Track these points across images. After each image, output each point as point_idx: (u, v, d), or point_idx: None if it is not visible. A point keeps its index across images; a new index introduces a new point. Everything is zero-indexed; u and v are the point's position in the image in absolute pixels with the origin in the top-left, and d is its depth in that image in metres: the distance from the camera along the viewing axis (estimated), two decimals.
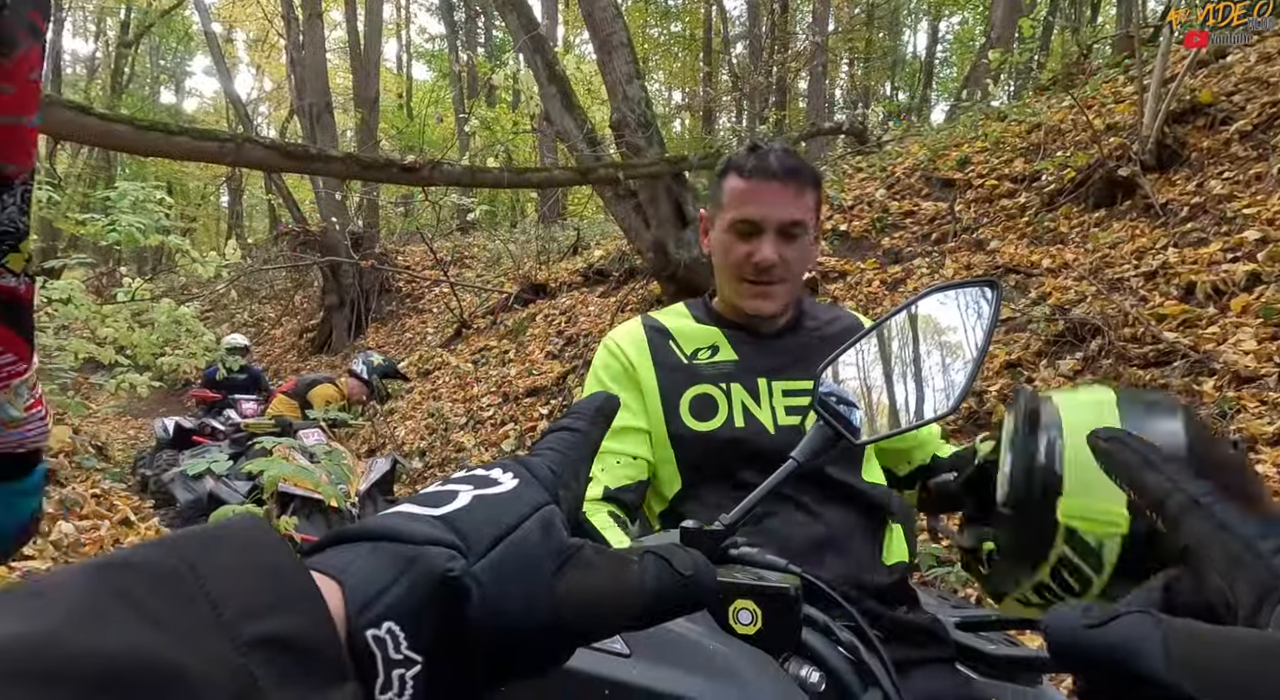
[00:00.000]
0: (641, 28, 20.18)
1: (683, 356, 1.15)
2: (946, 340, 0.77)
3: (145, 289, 5.61)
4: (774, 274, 1.09)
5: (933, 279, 4.83)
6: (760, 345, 1.15)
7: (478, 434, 6.08)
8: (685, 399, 1.11)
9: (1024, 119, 6.04)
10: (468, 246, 11.62)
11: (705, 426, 1.09)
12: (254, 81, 24.72)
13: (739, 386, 1.10)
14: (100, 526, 2.13)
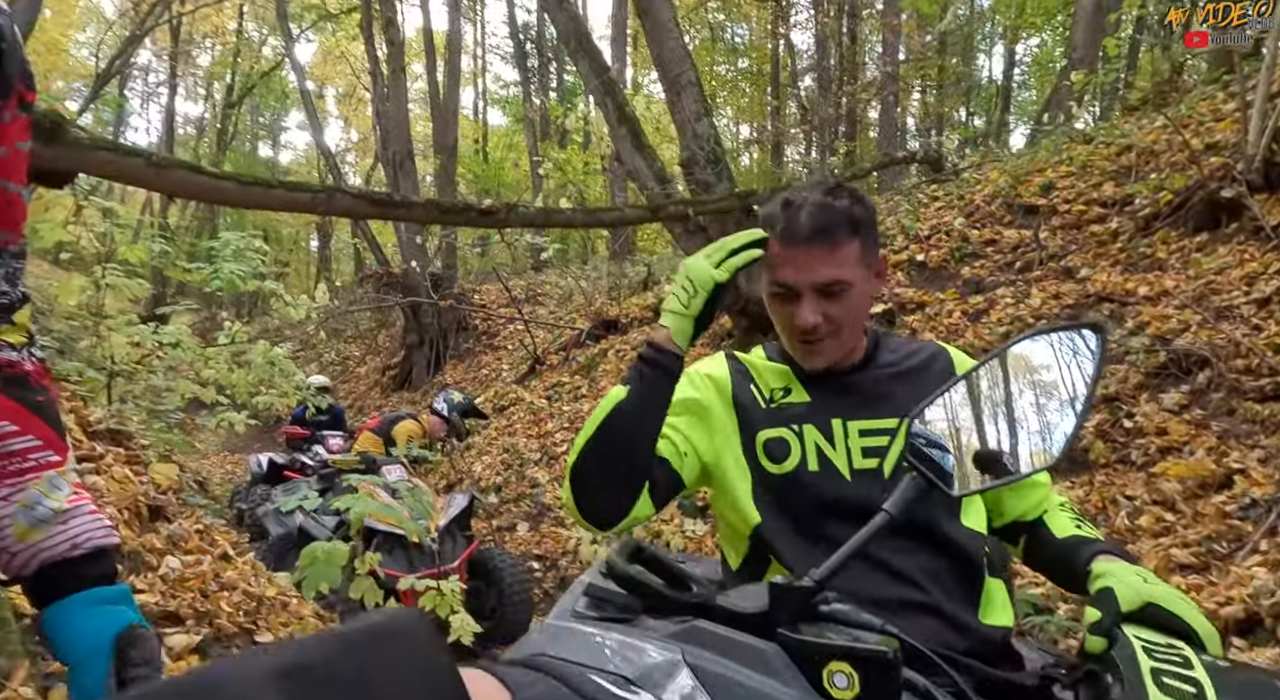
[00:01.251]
0: (709, 66, 20.48)
1: (761, 399, 1.13)
2: (1046, 386, 0.73)
3: (243, 331, 5.96)
4: (819, 333, 1.06)
5: (1018, 309, 4.64)
6: (833, 385, 1.12)
7: (551, 470, 6.14)
8: (759, 442, 1.09)
9: (1113, 141, 5.79)
10: (540, 284, 11.88)
11: (779, 469, 1.06)
12: (342, 133, 26.32)
13: (812, 428, 1.07)
14: (203, 561, 2.24)
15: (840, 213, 1.05)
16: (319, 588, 2.64)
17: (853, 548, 0.67)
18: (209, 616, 2.07)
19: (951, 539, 1.00)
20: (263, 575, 2.68)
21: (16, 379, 0.67)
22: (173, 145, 20.44)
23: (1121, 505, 3.12)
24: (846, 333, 1.07)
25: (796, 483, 1.05)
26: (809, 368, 1.11)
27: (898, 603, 0.94)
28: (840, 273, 1.04)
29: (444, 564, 3.95)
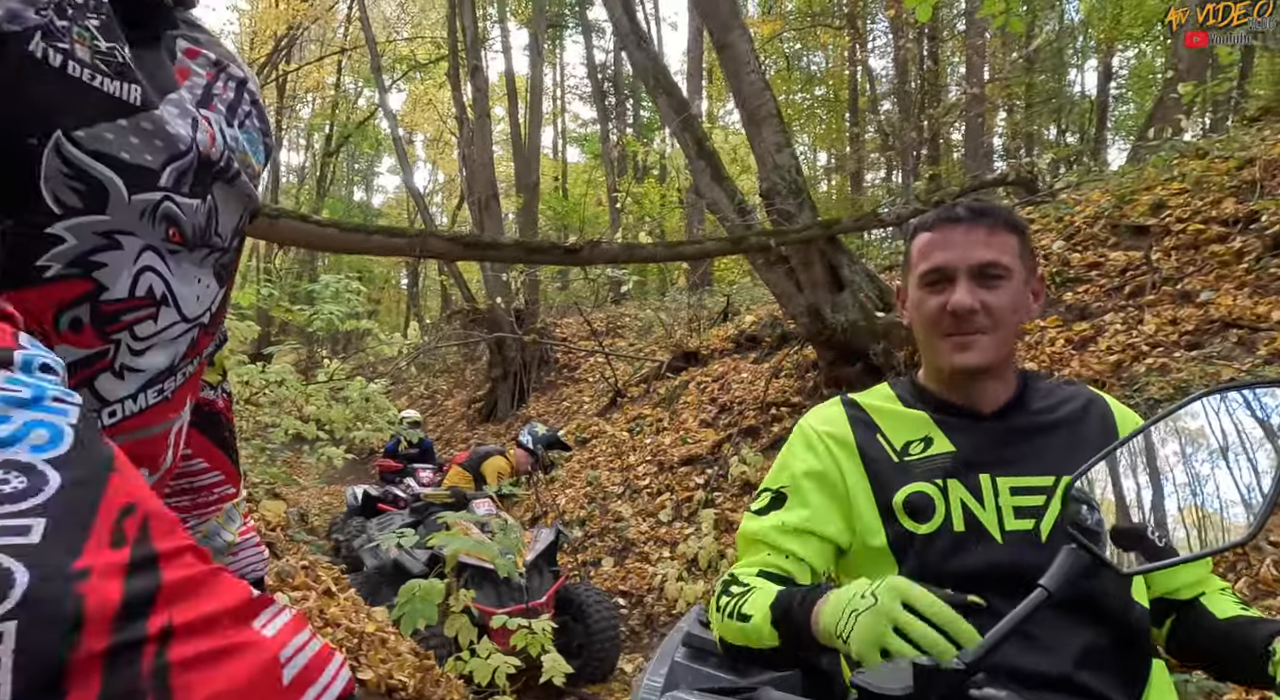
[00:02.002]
0: (785, 94, 20.48)
1: (893, 453, 1.02)
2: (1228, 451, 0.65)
3: (341, 369, 6.26)
4: (975, 322, 0.96)
5: (1130, 336, 4.34)
6: (979, 432, 1.00)
7: (634, 504, 6.11)
8: (899, 499, 0.98)
9: (1231, 154, 5.40)
10: (620, 316, 12.00)
11: (922, 528, 0.96)
12: (430, 175, 27.58)
13: (957, 483, 0.96)
14: (309, 597, 2.31)
15: (998, 209, 1.02)
16: (417, 624, 2.69)
17: (1008, 627, 0.61)
18: None
19: (1119, 616, 0.89)
20: (363, 611, 2.74)
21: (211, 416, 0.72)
22: (277, 194, 21.92)
23: (1266, 552, 2.84)
24: (1003, 334, 0.98)
25: (941, 544, 0.95)
26: (962, 365, 0.98)
27: (1052, 682, 0.84)
28: (998, 256, 0.96)
29: (532, 599, 3.97)
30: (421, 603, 2.68)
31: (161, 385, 0.51)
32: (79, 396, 0.31)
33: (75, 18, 0.40)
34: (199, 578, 0.28)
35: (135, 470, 0.31)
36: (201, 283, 0.53)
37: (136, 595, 0.26)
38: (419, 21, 21.76)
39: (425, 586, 2.77)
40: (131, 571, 0.27)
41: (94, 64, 0.41)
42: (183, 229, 0.49)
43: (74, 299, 0.43)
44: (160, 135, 0.45)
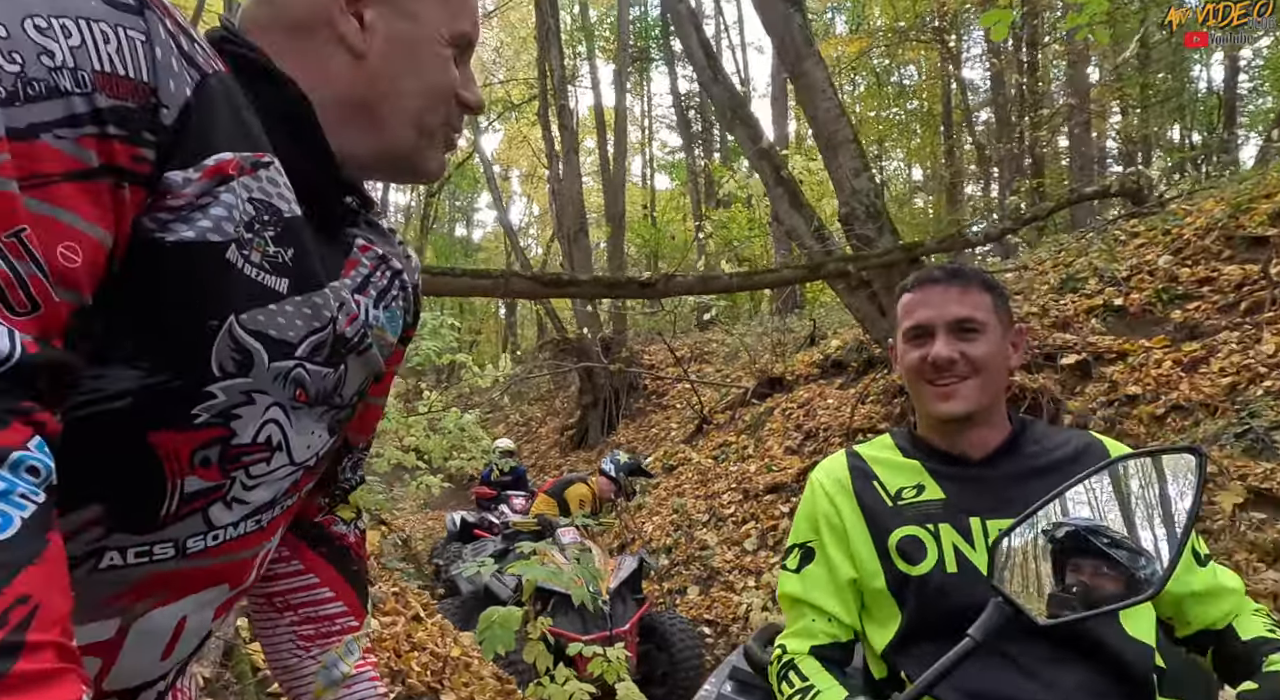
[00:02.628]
0: (875, 111, 20.11)
1: (887, 498, 1.11)
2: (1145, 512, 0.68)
3: (438, 400, 6.62)
4: (955, 371, 1.06)
5: (1244, 356, 4.03)
6: (968, 479, 1.08)
7: (720, 532, 6.11)
8: (892, 542, 1.07)
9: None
10: (707, 342, 12.05)
11: (915, 570, 1.03)
12: (525, 209, 28.70)
13: (948, 527, 1.04)
14: (398, 622, 2.48)
15: (971, 271, 1.13)
16: (497, 649, 2.83)
17: (932, 677, 0.66)
18: (401, 675, 2.29)
19: (1114, 651, 0.92)
20: (449, 636, 2.92)
21: (342, 550, 0.81)
22: None
23: None
24: (983, 380, 1.06)
25: (935, 585, 1.01)
26: (946, 413, 1.07)
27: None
28: (972, 312, 1.08)
29: (615, 626, 4.03)
30: (501, 628, 2.83)
31: (260, 516, 0.60)
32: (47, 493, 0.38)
33: (259, 231, 0.53)
34: (42, 673, 0.33)
35: (60, 567, 0.38)
36: (315, 434, 0.63)
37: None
38: (513, 64, 22.85)
39: (504, 612, 2.92)
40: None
41: (262, 264, 0.53)
42: (308, 390, 0.59)
43: (209, 441, 0.54)
44: (301, 316, 0.57)
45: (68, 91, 0.42)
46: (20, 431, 0.38)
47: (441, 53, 0.64)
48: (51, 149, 0.42)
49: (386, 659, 2.28)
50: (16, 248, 0.40)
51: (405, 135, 0.64)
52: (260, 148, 0.54)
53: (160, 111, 0.47)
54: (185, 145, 0.49)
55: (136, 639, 0.55)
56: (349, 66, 0.61)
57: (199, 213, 0.49)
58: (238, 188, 0.52)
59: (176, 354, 0.51)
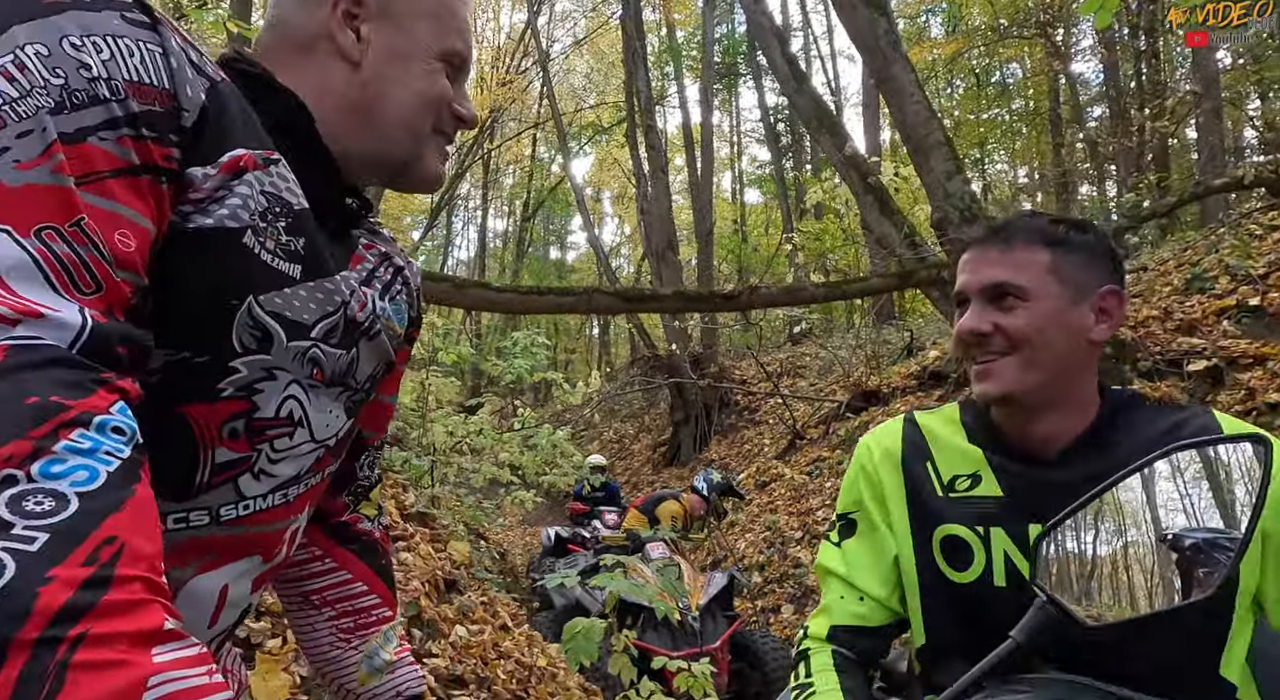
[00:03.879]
0: (975, 113, 19.29)
1: (938, 485, 0.96)
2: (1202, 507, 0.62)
3: (532, 417, 6.80)
4: (990, 346, 0.90)
5: None
6: (1035, 478, 0.91)
7: (813, 549, 5.94)
8: (937, 538, 0.94)
9: None
10: (799, 356, 11.81)
11: (958, 577, 0.91)
12: (616, 229, 29.21)
13: (1001, 532, 0.89)
14: (485, 631, 2.55)
15: (1029, 223, 0.94)
16: (582, 661, 2.86)
17: (974, 677, 0.62)
18: (488, 682, 2.35)
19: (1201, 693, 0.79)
20: (536, 646, 2.97)
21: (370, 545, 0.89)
22: (484, 257, 24.36)
23: None
24: (1029, 357, 0.88)
25: (979, 598, 0.89)
26: (982, 394, 0.92)
27: None
28: (1009, 275, 0.89)
29: (705, 643, 3.99)
30: (585, 639, 2.86)
31: (286, 491, 0.66)
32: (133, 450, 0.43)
33: (272, 221, 0.59)
34: (130, 602, 0.36)
35: (146, 514, 0.42)
36: (333, 413, 0.68)
37: (73, 605, 0.34)
38: (603, 88, 23.41)
39: (588, 624, 2.94)
40: (83, 586, 0.35)
41: (276, 251, 0.59)
42: (325, 370, 0.65)
43: (235, 414, 0.60)
44: (314, 300, 0.63)
45: (106, 99, 0.48)
46: (104, 397, 0.43)
47: (432, 65, 0.69)
48: (99, 149, 0.47)
49: (473, 665, 2.35)
50: (79, 235, 0.45)
51: (398, 137, 0.69)
52: (269, 146, 0.60)
53: (181, 115, 0.52)
54: (204, 144, 0.54)
55: (183, 604, 0.60)
56: (346, 75, 0.67)
57: (217, 203, 0.55)
58: (251, 180, 0.57)
59: (202, 331, 0.56)
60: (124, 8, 0.52)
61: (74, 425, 0.40)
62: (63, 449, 0.39)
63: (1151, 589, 0.63)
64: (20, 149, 0.45)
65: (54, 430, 0.40)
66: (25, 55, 0.46)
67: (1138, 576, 0.64)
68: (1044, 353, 0.89)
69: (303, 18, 0.67)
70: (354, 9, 0.67)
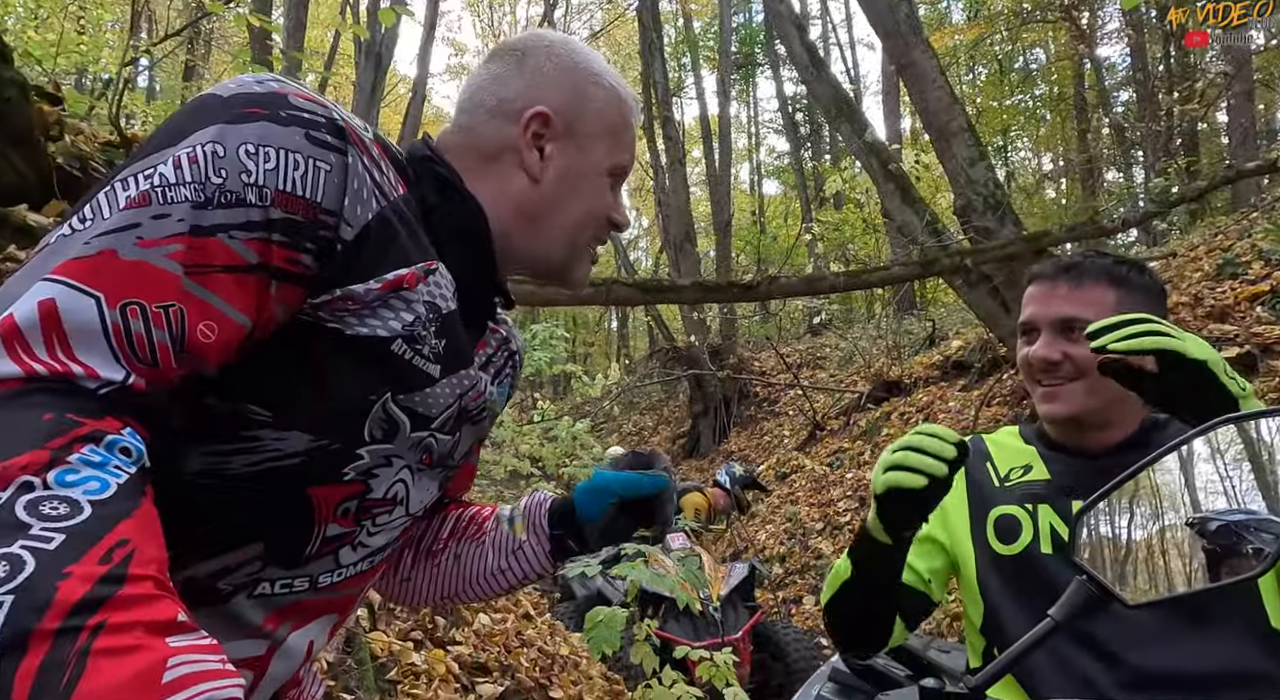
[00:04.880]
0: (998, 100, 18.98)
1: (995, 478, 1.09)
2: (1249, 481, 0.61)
3: (551, 409, 6.82)
4: (1059, 373, 1.01)
5: None
6: (1079, 465, 1.04)
7: (835, 540, 5.92)
8: (990, 519, 1.05)
9: None
10: (820, 347, 11.74)
11: (1007, 549, 1.02)
12: (634, 221, 29.21)
13: (1047, 508, 1.01)
14: (508, 620, 2.57)
15: (1099, 263, 1.05)
16: (604, 649, 2.87)
17: (1013, 655, 0.62)
18: (511, 670, 2.37)
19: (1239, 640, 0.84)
20: (559, 635, 2.99)
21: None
22: None
23: None
24: (1092, 383, 0.99)
25: (1028, 565, 0.99)
26: (1049, 415, 1.05)
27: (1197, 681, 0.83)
28: (1081, 311, 1.01)
29: (727, 634, 3.99)
30: (606, 629, 2.87)
31: (374, 557, 0.70)
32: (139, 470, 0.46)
33: (424, 326, 0.63)
34: (144, 596, 0.39)
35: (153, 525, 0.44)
36: (429, 490, 0.73)
37: (91, 598, 0.37)
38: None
39: (610, 613, 2.95)
40: (99, 582, 0.37)
41: (424, 354, 0.64)
42: (434, 455, 0.69)
43: (352, 495, 0.64)
44: (443, 396, 0.66)
45: (251, 203, 0.53)
46: (114, 423, 0.46)
47: (602, 181, 0.75)
48: (223, 246, 0.52)
49: (497, 654, 2.37)
50: (161, 318, 0.50)
51: (559, 247, 0.76)
52: (430, 257, 0.65)
53: (341, 228, 0.57)
54: (364, 259, 0.59)
55: (280, 658, 0.65)
56: (524, 185, 0.73)
57: (374, 316, 0.60)
58: (412, 295, 0.62)
59: (341, 422, 0.61)
60: (314, 126, 0.56)
61: (87, 441, 0.44)
62: (76, 461, 0.42)
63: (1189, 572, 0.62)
64: (149, 228, 0.50)
65: (69, 443, 0.43)
66: (201, 151, 0.52)
67: (1175, 560, 0.63)
68: (1106, 383, 0.96)
69: (493, 130, 0.72)
70: (542, 130, 0.72)
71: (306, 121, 0.56)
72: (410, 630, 2.10)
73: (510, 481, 6.28)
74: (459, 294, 0.68)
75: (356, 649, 1.93)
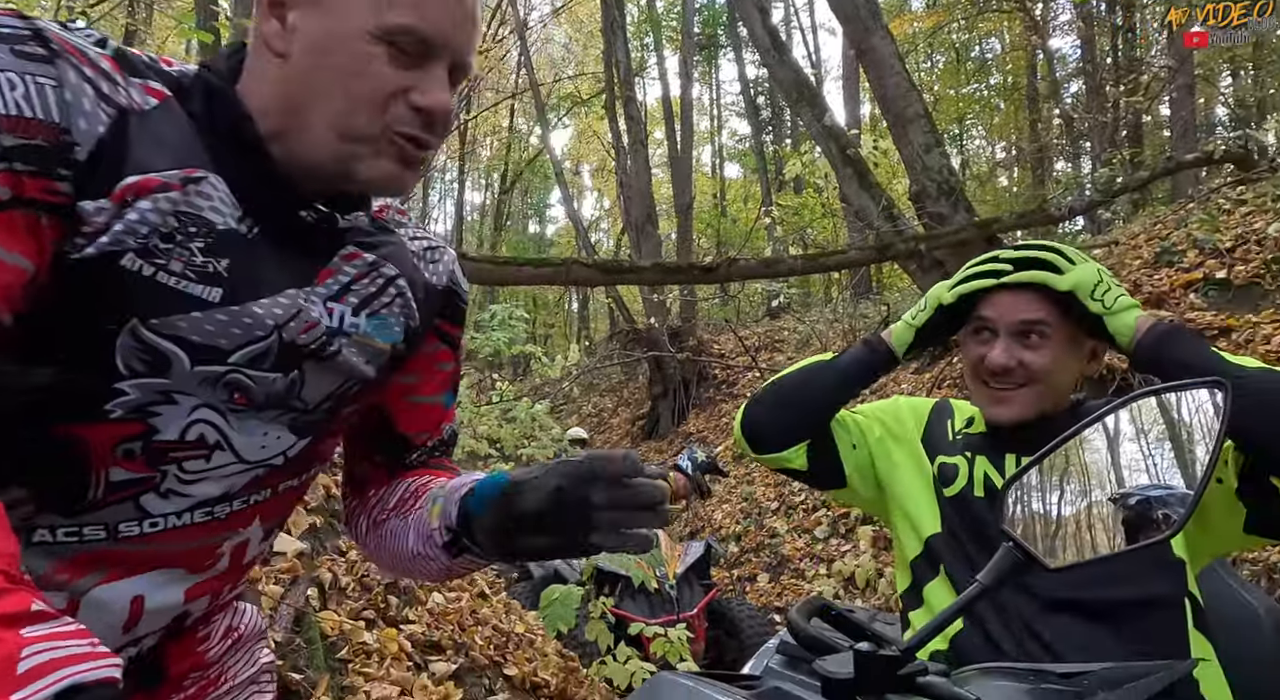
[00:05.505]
0: (954, 88, 19.29)
1: (951, 432, 1.17)
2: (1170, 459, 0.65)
3: (510, 390, 6.79)
4: (1012, 378, 1.03)
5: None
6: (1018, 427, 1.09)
7: (790, 520, 6.04)
8: (937, 465, 1.13)
9: None
10: (777, 330, 11.88)
11: (948, 491, 1.08)
12: (596, 202, 28.99)
13: (984, 459, 1.08)
14: (462, 598, 2.57)
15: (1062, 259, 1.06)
16: (559, 627, 2.90)
17: (945, 617, 0.65)
18: (465, 648, 2.38)
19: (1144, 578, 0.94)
20: (514, 613, 3.00)
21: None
22: (461, 230, 24.06)
23: None
24: (1042, 390, 1.03)
25: (963, 506, 1.06)
26: (993, 419, 1.08)
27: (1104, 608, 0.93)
28: (1042, 314, 1.03)
29: (682, 611, 4.04)
30: (561, 606, 2.90)
31: (213, 509, 0.64)
32: None
33: (182, 242, 0.56)
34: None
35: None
36: (269, 435, 0.65)
37: None
38: (582, 59, 23.06)
39: (565, 591, 2.99)
40: None
41: (185, 273, 0.56)
42: (252, 395, 0.62)
43: (130, 436, 0.58)
44: (237, 325, 0.59)
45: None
46: None
47: (367, 49, 0.58)
48: None
49: (450, 632, 2.37)
50: None
51: (325, 142, 0.61)
52: (192, 164, 0.57)
53: (74, 149, 0.51)
54: (98, 177, 0.53)
55: (88, 612, 0.60)
56: (278, 73, 0.60)
57: (104, 233, 0.53)
58: (152, 202, 0.55)
59: (78, 354, 0.55)
60: (17, 40, 0.50)
61: None
62: None
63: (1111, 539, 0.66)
64: None
65: None
66: None
67: (1100, 534, 0.67)
68: (1054, 389, 1.03)
69: (257, 18, 0.61)
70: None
71: (7, 37, 0.50)
72: (362, 609, 2.08)
73: (468, 462, 6.25)
74: (259, 211, 0.60)
75: (306, 628, 1.91)
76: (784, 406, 1.17)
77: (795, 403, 1.17)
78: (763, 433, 1.18)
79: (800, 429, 1.16)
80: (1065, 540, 0.69)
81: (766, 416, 1.18)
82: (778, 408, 1.17)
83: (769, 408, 1.18)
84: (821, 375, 1.17)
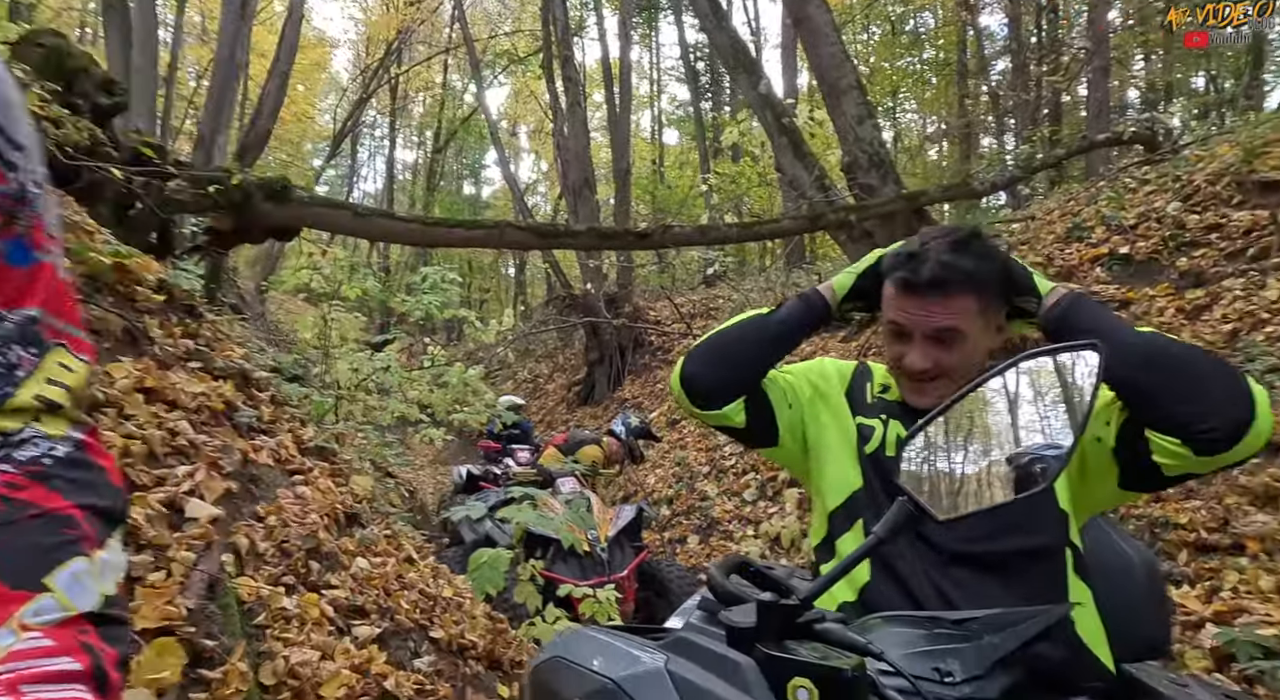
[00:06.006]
0: (889, 60, 19.58)
1: (870, 394, 1.22)
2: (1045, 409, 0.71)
3: (442, 355, 6.66)
4: (927, 375, 1.10)
5: (1250, 302, 3.97)
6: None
7: (720, 483, 6.18)
8: (856, 424, 1.19)
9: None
10: (713, 298, 12.00)
11: (866, 448, 1.15)
12: (534, 165, 28.42)
13: (897, 423, 1.15)
14: (388, 563, 2.54)
15: (960, 270, 1.07)
16: (487, 590, 2.91)
17: (840, 570, 0.69)
18: (390, 612, 2.36)
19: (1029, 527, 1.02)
20: (442, 577, 2.99)
21: None
22: (392, 190, 23.28)
23: None
24: (957, 378, 1.10)
25: (877, 464, 1.13)
26: (912, 404, 1.14)
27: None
28: (954, 321, 1.06)
29: (613, 573, 4.11)
30: (490, 569, 2.90)
31: None
32: None
33: None
34: None
35: None
36: None
37: None
38: (519, 15, 22.36)
39: (493, 554, 2.99)
40: None
41: None
42: None
43: None
44: None
45: None
46: None
47: None
48: None
49: (375, 596, 2.35)
50: None
51: None
52: None
53: None
54: None
55: None
56: None
57: None
58: None
59: None
60: None
61: None
62: None
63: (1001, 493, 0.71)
64: None
65: None
66: None
67: (995, 490, 0.72)
68: (968, 373, 1.09)
69: None
70: None
71: None
72: (281, 575, 2.03)
73: (398, 428, 6.13)
74: None
75: (221, 595, 1.86)
76: (721, 361, 1.19)
77: (731, 357, 1.18)
78: (700, 388, 1.19)
79: (737, 384, 1.19)
80: (966, 497, 0.74)
81: (704, 371, 1.19)
82: (715, 363, 1.19)
83: (707, 363, 1.20)
84: (758, 329, 1.20)
